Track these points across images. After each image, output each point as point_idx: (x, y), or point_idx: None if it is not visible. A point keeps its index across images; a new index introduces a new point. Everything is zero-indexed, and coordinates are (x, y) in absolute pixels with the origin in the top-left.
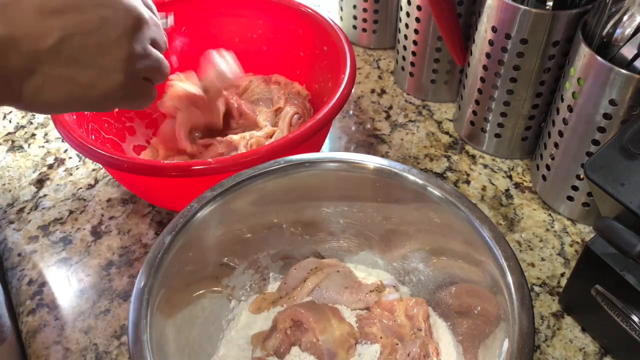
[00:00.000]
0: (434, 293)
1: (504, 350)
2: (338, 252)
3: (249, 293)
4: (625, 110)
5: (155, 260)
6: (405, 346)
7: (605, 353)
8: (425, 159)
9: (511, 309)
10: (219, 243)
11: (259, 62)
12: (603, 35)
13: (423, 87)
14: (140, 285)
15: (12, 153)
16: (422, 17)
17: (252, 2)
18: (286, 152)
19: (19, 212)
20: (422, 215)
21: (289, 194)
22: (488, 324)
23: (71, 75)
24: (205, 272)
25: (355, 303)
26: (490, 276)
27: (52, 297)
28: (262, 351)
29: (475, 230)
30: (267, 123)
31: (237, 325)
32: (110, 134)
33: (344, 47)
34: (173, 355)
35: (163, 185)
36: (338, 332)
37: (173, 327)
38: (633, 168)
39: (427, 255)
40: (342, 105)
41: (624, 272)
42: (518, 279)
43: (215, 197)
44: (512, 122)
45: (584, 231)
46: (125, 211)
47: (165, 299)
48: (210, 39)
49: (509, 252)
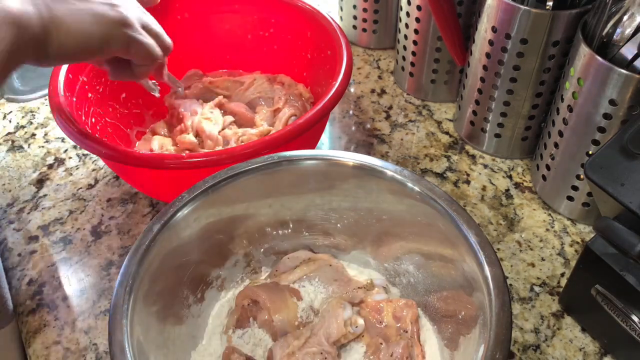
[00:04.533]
0: (423, 296)
1: (479, 356)
2: (331, 249)
3: (239, 285)
4: (625, 110)
5: (142, 248)
6: (388, 347)
7: (605, 353)
8: (425, 159)
9: (490, 315)
10: (209, 235)
11: (268, 60)
12: (603, 35)
13: (423, 87)
14: (124, 270)
15: (12, 153)
16: (422, 17)
17: (266, 0)
18: (280, 147)
19: (19, 212)
20: (413, 217)
21: (281, 189)
22: (469, 329)
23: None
24: (193, 263)
25: (342, 296)
26: (470, 278)
27: (52, 297)
28: (227, 328)
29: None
30: (264, 122)
31: (222, 314)
32: (114, 119)
33: (342, 47)
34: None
35: (157, 176)
36: (293, 312)
37: (156, 317)
38: (633, 168)
39: (417, 258)
40: (334, 104)
41: (624, 272)
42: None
43: (206, 189)
44: (512, 122)
45: (584, 231)
46: (125, 211)
47: (149, 287)
48: (224, 33)
49: (487, 246)
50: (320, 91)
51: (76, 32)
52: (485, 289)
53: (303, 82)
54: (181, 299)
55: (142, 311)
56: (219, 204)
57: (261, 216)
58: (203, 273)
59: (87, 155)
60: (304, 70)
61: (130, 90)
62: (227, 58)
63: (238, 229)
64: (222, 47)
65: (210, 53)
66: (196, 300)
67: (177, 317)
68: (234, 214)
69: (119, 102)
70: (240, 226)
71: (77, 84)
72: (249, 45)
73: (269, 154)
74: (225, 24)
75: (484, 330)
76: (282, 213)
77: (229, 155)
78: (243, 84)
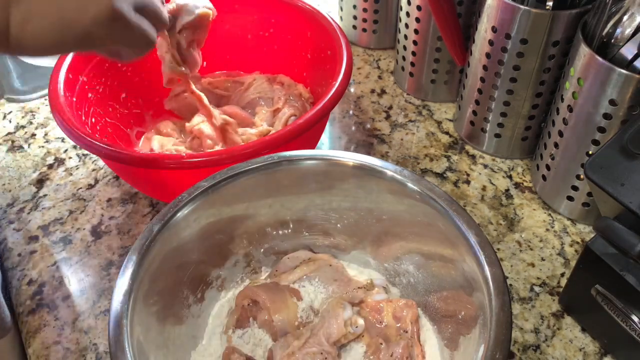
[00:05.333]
0: (423, 296)
1: (479, 356)
2: (331, 249)
3: (239, 285)
4: (625, 110)
5: (142, 248)
6: (389, 347)
7: (605, 353)
8: (425, 159)
9: (490, 315)
10: (209, 235)
11: (267, 60)
12: (603, 35)
13: (423, 87)
14: (124, 270)
15: (12, 153)
16: (422, 17)
17: (267, 1)
18: (280, 147)
19: (19, 212)
20: (413, 217)
21: (281, 189)
22: (469, 329)
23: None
24: (193, 263)
25: (342, 296)
26: (470, 278)
27: (52, 297)
28: (227, 328)
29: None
30: (263, 123)
31: (222, 314)
32: (114, 119)
33: (342, 47)
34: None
35: (157, 176)
36: (293, 312)
37: (156, 317)
38: (633, 168)
39: (417, 258)
40: (334, 104)
41: (624, 272)
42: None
43: (206, 189)
44: (512, 122)
45: (584, 231)
46: (125, 211)
47: (149, 287)
48: (223, 33)
49: (487, 246)
50: (320, 91)
51: (44, 21)
52: (485, 289)
53: (303, 82)
54: (181, 299)
55: (142, 311)
56: (219, 204)
57: (261, 216)
58: (203, 273)
59: (87, 155)
60: (303, 70)
61: (130, 90)
62: (227, 58)
63: (238, 229)
64: (221, 47)
65: (209, 53)
66: (196, 300)
67: (177, 317)
68: (234, 214)
69: (119, 102)
70: (240, 226)
71: (77, 84)
72: (248, 45)
73: (269, 154)
74: (225, 24)
75: (484, 330)
76: (282, 213)
77: (229, 155)
78: (243, 85)
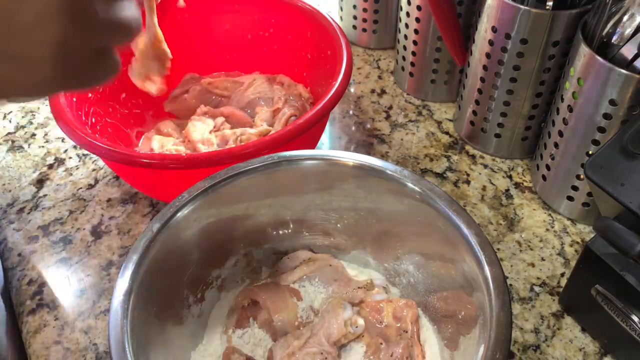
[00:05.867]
0: (423, 296)
1: (479, 356)
2: (331, 249)
3: (239, 285)
4: (625, 110)
5: (142, 248)
6: (389, 347)
7: (605, 353)
8: (425, 159)
9: (490, 315)
10: (209, 235)
11: (267, 60)
12: (603, 35)
13: (423, 87)
14: (124, 270)
15: (12, 153)
16: (422, 17)
17: (266, 1)
18: (280, 147)
19: (19, 212)
20: (413, 217)
21: (281, 189)
22: (469, 329)
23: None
24: (193, 263)
25: (342, 296)
26: (470, 278)
27: (52, 297)
28: (227, 328)
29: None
30: (263, 123)
31: (222, 314)
32: (114, 119)
33: (342, 47)
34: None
35: (157, 176)
36: (293, 312)
37: (156, 317)
38: (633, 168)
39: (417, 258)
40: (334, 104)
41: (624, 272)
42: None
43: (206, 189)
44: (512, 122)
45: (584, 231)
46: (125, 211)
47: (149, 287)
48: (223, 33)
49: (487, 246)
50: (320, 91)
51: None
52: (485, 289)
53: (303, 82)
54: (181, 299)
55: (142, 311)
56: (219, 204)
57: (261, 216)
58: (203, 273)
59: (87, 155)
60: (303, 70)
61: (130, 90)
62: (227, 58)
63: (238, 229)
64: (221, 47)
65: (209, 53)
66: (196, 300)
67: (177, 317)
68: (234, 214)
69: (119, 102)
70: (240, 226)
71: None
72: (248, 45)
73: (269, 154)
74: (225, 24)
75: (484, 330)
76: (282, 213)
77: (229, 155)
78: (242, 85)
